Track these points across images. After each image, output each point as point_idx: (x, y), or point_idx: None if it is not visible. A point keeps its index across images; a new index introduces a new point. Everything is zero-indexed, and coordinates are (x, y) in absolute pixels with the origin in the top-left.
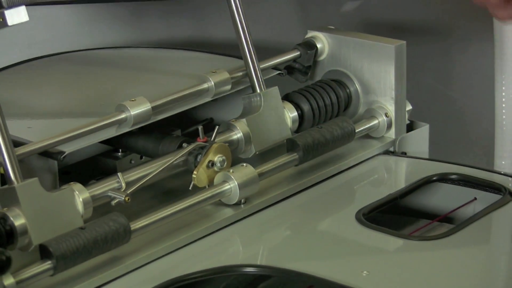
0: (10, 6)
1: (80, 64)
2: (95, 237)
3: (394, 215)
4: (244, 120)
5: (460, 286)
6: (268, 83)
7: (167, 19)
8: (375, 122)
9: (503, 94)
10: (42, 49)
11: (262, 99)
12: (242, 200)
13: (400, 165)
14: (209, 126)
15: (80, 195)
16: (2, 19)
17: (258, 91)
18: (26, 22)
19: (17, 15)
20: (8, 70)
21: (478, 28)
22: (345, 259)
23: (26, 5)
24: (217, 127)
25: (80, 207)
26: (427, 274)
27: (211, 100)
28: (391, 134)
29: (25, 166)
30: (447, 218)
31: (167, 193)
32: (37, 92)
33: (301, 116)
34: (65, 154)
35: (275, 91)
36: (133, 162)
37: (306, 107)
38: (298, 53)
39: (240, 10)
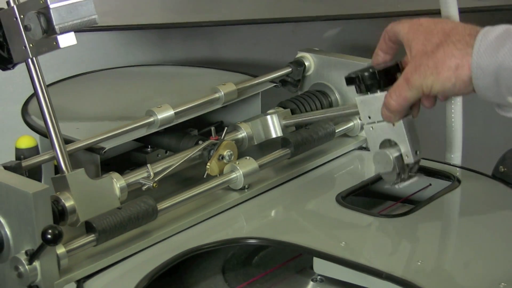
0: (62, 32)
1: (117, 78)
2: (129, 215)
3: (366, 197)
4: (248, 123)
5: (418, 252)
6: (266, 94)
7: (186, 42)
8: (351, 124)
9: (452, 102)
10: (88, 66)
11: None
12: (246, 186)
13: (371, 158)
14: (219, 127)
15: (117, 182)
16: (56, 43)
17: (274, 135)
18: (74, 45)
19: (67, 39)
20: (61, 83)
21: None
22: (327, 233)
23: (74, 31)
24: (226, 128)
25: (117, 191)
26: (392, 244)
27: (221, 106)
28: (364, 133)
29: (74, 159)
30: (408, 200)
31: (186, 181)
32: (84, 101)
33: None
34: (105, 150)
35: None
36: (159, 156)
37: (296, 112)
38: (290, 69)
39: None
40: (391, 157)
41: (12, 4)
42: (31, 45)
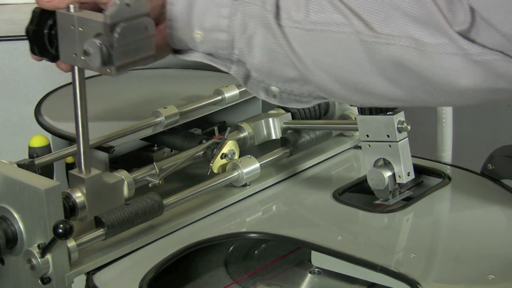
0: (120, 71)
1: (125, 81)
2: (136, 210)
3: (361, 194)
4: (250, 124)
5: (411, 246)
6: None
7: None
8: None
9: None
10: None
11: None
12: (247, 183)
13: None
14: (222, 127)
15: (125, 179)
16: (110, 71)
17: (274, 137)
18: None
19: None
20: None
21: None
22: (324, 227)
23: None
24: (228, 128)
25: (125, 188)
26: (387, 238)
27: (224, 107)
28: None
29: None
30: None
31: (191, 178)
32: (93, 102)
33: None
34: (114, 148)
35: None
36: (165, 154)
37: (296, 114)
38: None
39: None
40: (385, 176)
41: (72, 11)
42: (82, 58)
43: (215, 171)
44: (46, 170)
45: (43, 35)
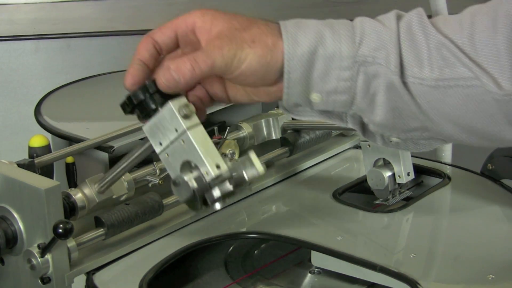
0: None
1: None
2: (136, 210)
3: (361, 194)
4: (250, 124)
5: (411, 246)
6: None
7: None
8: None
9: None
10: (97, 69)
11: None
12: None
13: None
14: (222, 126)
15: (125, 179)
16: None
17: (274, 137)
18: (85, 50)
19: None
20: (72, 85)
21: None
22: (325, 227)
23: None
24: (228, 127)
25: (125, 187)
26: (386, 238)
27: (224, 107)
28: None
29: (84, 157)
30: None
31: None
32: (93, 102)
33: (292, 119)
34: (114, 148)
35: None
36: None
37: None
38: None
39: None
40: (385, 176)
41: (182, 122)
42: (166, 155)
43: None
44: (46, 170)
45: (143, 110)
